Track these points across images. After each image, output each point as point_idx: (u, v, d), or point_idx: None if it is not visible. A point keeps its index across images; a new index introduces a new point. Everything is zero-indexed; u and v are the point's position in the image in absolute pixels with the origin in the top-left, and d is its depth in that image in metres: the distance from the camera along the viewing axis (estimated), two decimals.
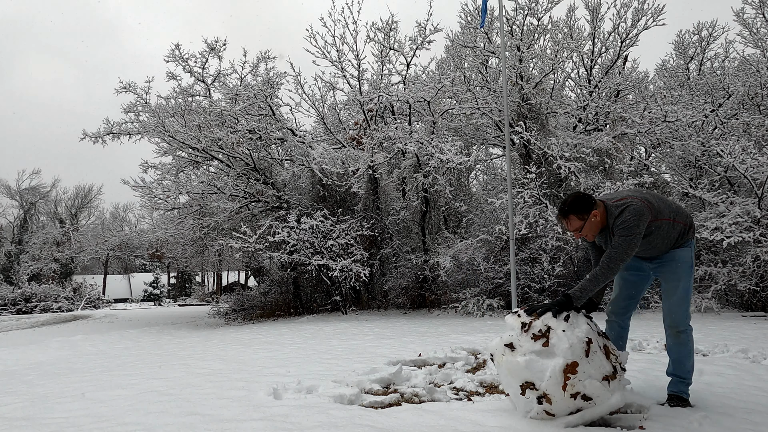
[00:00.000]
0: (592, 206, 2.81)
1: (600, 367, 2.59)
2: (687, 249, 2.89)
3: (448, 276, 11.23)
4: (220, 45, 12.53)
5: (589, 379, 2.55)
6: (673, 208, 2.88)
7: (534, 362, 2.58)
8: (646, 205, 2.75)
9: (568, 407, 2.58)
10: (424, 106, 12.73)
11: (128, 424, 2.93)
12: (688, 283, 2.87)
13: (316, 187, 13.15)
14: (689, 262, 2.88)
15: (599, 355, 2.61)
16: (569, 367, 2.53)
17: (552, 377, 2.53)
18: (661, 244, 2.86)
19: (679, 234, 2.87)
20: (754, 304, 10.00)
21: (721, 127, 12.25)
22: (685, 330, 2.90)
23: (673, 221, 2.84)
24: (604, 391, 2.57)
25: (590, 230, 2.86)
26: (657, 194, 2.97)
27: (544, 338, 2.61)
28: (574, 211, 2.82)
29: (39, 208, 41.60)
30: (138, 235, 16.16)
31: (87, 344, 8.73)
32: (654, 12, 12.15)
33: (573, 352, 2.55)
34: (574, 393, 2.54)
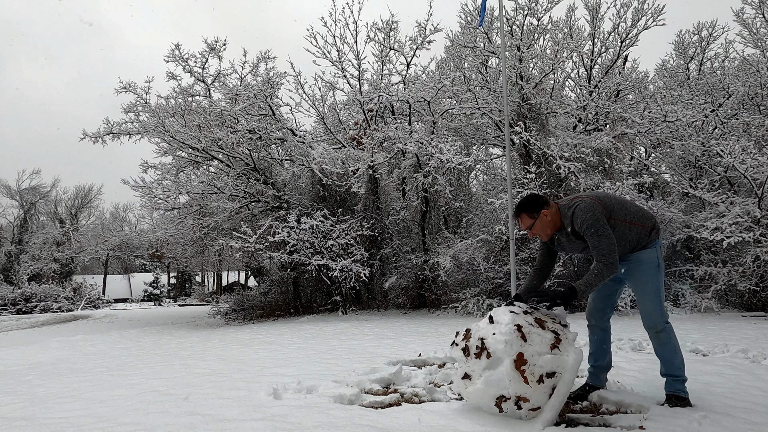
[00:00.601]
0: (543, 206, 2.94)
1: (542, 341, 2.63)
2: (652, 250, 2.93)
3: (448, 276, 11.23)
4: (220, 45, 12.53)
5: (539, 357, 2.59)
6: (630, 211, 2.94)
7: (490, 377, 2.61)
8: (595, 202, 2.84)
9: (544, 392, 2.59)
10: (424, 106, 12.73)
11: (128, 424, 2.93)
12: (656, 283, 2.90)
13: (316, 187, 13.15)
14: (655, 262, 2.92)
15: (536, 331, 2.65)
16: (518, 362, 2.57)
17: (512, 379, 2.56)
18: (620, 244, 2.91)
19: (639, 236, 2.91)
20: (754, 304, 10.00)
21: (721, 127, 12.25)
22: (663, 329, 2.92)
23: (629, 223, 2.89)
24: (559, 356, 2.61)
25: (541, 229, 2.96)
26: (615, 196, 3.02)
27: (485, 351, 2.65)
28: (525, 210, 2.97)
29: (39, 208, 41.58)
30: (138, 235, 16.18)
31: (87, 344, 8.73)
32: (654, 12, 12.15)
33: (512, 347, 2.59)
34: (538, 378, 2.57)
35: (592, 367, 3.24)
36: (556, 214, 2.95)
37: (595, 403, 3.10)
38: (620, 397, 3.06)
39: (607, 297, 3.18)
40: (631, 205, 2.98)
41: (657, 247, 2.95)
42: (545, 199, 2.97)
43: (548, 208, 2.94)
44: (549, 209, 2.93)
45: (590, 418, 2.84)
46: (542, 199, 2.96)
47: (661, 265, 2.93)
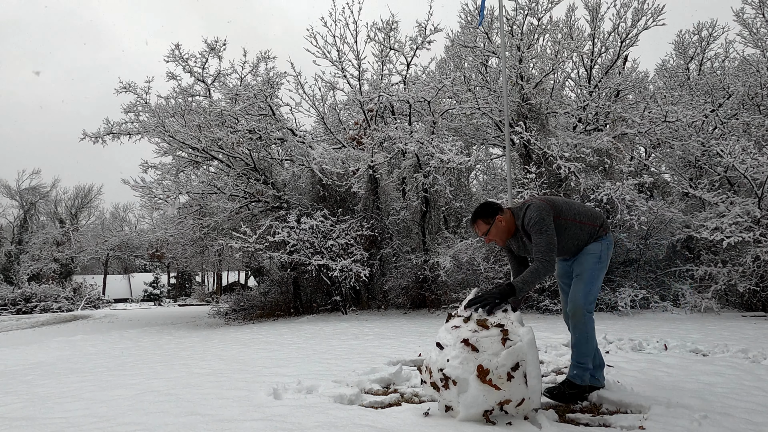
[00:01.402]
0: (497, 212, 3.02)
1: (492, 342, 2.62)
2: (597, 243, 3.05)
3: (448, 276, 11.23)
4: (220, 45, 12.53)
5: (496, 357, 2.57)
6: (579, 211, 3.05)
7: (467, 401, 2.58)
8: (545, 203, 2.94)
9: (519, 385, 2.59)
10: (424, 106, 12.73)
11: (128, 424, 2.93)
12: (594, 272, 2.98)
13: (316, 187, 13.15)
14: (598, 254, 3.01)
15: (482, 335, 2.64)
16: (480, 374, 2.55)
17: (485, 393, 2.56)
18: (571, 243, 3.03)
19: (590, 234, 3.04)
20: (754, 304, 10.00)
21: (721, 127, 12.25)
22: (582, 314, 2.96)
23: (580, 222, 3.01)
24: (513, 346, 2.59)
25: (497, 235, 3.04)
26: (564, 198, 3.13)
27: (449, 380, 2.63)
28: (481, 216, 3.04)
29: (39, 208, 41.57)
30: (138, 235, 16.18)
31: (87, 344, 8.73)
32: (654, 12, 12.15)
33: (468, 364, 2.57)
34: (506, 376, 2.56)
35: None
36: (510, 219, 3.03)
37: (595, 403, 3.10)
38: (620, 397, 3.06)
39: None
40: (579, 206, 3.09)
41: (604, 242, 3.05)
42: (499, 205, 3.07)
43: (503, 214, 3.02)
44: (503, 215, 3.02)
45: (590, 418, 2.84)
46: (497, 206, 3.05)
47: (603, 259, 3.01)
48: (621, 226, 11.42)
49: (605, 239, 3.06)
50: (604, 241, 3.05)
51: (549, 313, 10.55)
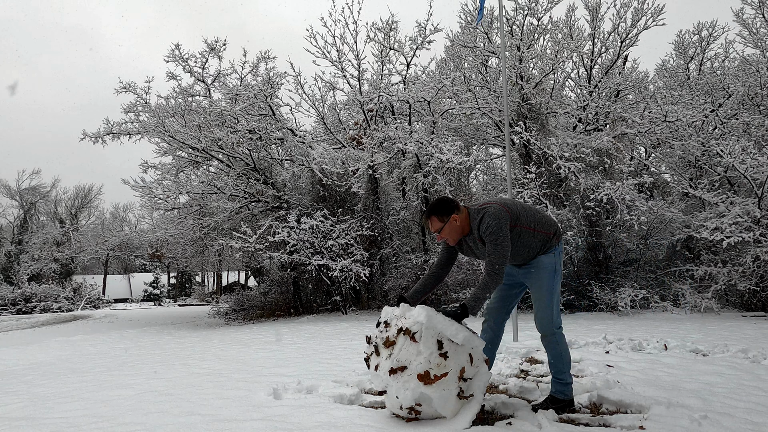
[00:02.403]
0: (453, 210, 2.91)
1: (407, 350, 2.62)
2: (550, 255, 2.95)
3: (447, 276, 11.22)
4: (220, 45, 12.53)
5: (420, 356, 2.58)
6: (536, 218, 2.96)
7: (444, 410, 2.60)
8: (504, 209, 2.85)
9: (455, 350, 2.62)
10: (424, 106, 12.72)
11: (128, 424, 2.93)
12: (551, 288, 2.92)
13: (316, 187, 13.14)
14: (552, 267, 2.94)
15: (398, 353, 2.64)
16: (427, 380, 2.55)
17: (445, 389, 2.57)
18: (523, 251, 2.94)
19: (542, 242, 2.95)
20: (754, 304, 10.00)
21: (721, 127, 12.25)
22: (552, 334, 2.93)
23: (534, 230, 2.93)
24: (419, 334, 2.61)
25: (450, 233, 2.94)
26: (521, 204, 3.04)
27: (413, 410, 2.63)
28: (436, 213, 2.93)
29: (39, 208, 41.56)
30: (138, 235, 16.18)
31: (87, 344, 8.73)
32: (654, 12, 12.15)
33: (413, 385, 2.57)
34: (441, 357, 2.58)
35: None
36: (466, 219, 2.94)
37: (595, 403, 3.10)
38: (620, 397, 3.06)
39: (503, 299, 3.18)
40: (535, 213, 3.00)
41: (557, 252, 2.98)
42: (456, 203, 2.96)
43: (459, 212, 2.92)
44: (459, 214, 2.92)
45: (590, 418, 2.85)
46: (453, 203, 2.95)
47: (558, 271, 2.96)
48: (621, 226, 11.42)
49: (557, 249, 2.98)
50: (556, 251, 2.97)
51: None
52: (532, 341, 5.73)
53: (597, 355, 4.80)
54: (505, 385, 3.60)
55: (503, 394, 3.33)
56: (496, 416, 2.91)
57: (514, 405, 3.02)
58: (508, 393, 3.40)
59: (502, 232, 2.77)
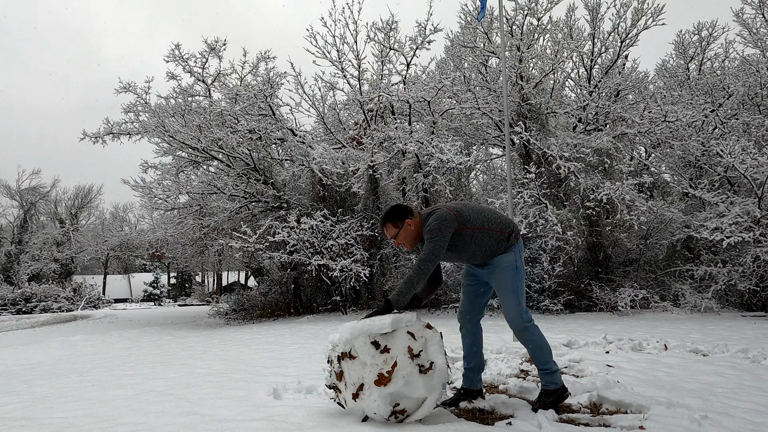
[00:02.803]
0: (407, 215, 2.99)
1: (354, 369, 2.67)
2: (511, 254, 3.00)
3: (447, 276, 11.23)
4: (220, 45, 12.53)
5: (364, 368, 2.63)
6: (489, 219, 3.00)
7: (402, 403, 2.63)
8: (451, 213, 2.89)
9: (422, 345, 2.67)
10: (424, 106, 12.72)
11: (128, 424, 2.93)
12: (515, 285, 2.95)
13: (316, 187, 13.14)
14: (513, 265, 2.97)
15: (350, 366, 2.70)
16: (383, 383, 2.58)
17: (406, 379, 2.60)
18: (481, 250, 2.98)
19: (498, 241, 2.98)
20: (754, 304, 10.00)
21: (721, 127, 12.26)
22: (525, 328, 2.94)
23: (489, 230, 2.96)
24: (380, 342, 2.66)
25: (406, 239, 3.01)
26: (474, 206, 3.07)
27: (400, 413, 2.66)
28: (389, 219, 3.01)
29: (39, 208, 41.51)
30: (138, 235, 16.14)
31: (87, 344, 8.73)
32: (654, 12, 12.15)
33: (382, 396, 2.59)
34: (405, 353, 2.62)
35: (466, 370, 3.22)
36: (419, 224, 2.99)
37: (595, 403, 3.10)
38: (620, 397, 3.07)
39: (473, 301, 3.20)
40: (489, 213, 3.04)
41: (516, 251, 3.02)
42: (410, 209, 3.03)
43: (412, 218, 2.99)
44: (413, 219, 2.99)
45: (590, 418, 2.85)
46: (407, 209, 3.02)
47: (520, 268, 2.99)
48: (621, 226, 11.42)
49: (516, 247, 3.02)
50: (516, 250, 3.02)
51: (549, 313, 10.55)
52: None
53: (597, 355, 4.80)
54: (505, 385, 3.60)
55: (503, 394, 3.33)
56: (496, 416, 2.92)
57: (514, 405, 3.02)
58: (508, 393, 3.40)
59: (440, 233, 2.82)
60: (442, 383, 2.69)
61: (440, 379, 2.67)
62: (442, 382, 2.68)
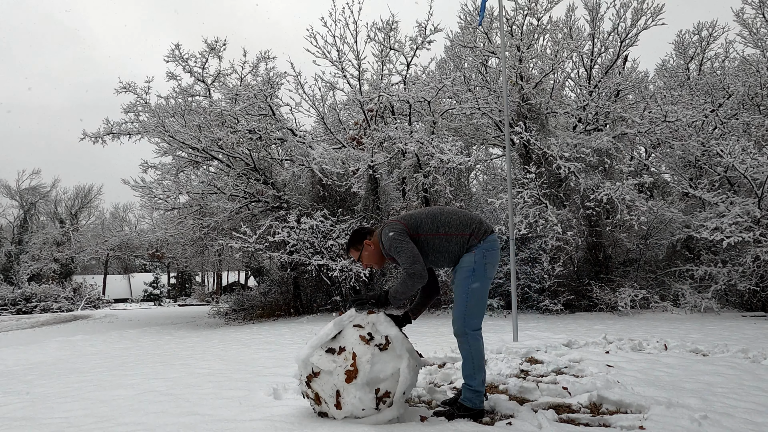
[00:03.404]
0: (365, 236, 3.07)
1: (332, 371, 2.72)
2: (470, 255, 2.90)
3: (447, 276, 11.23)
4: (220, 45, 12.53)
5: (339, 368, 2.69)
6: (444, 222, 2.94)
7: (383, 384, 2.68)
8: (398, 222, 2.92)
9: (370, 329, 2.81)
10: (424, 106, 12.72)
11: (128, 424, 2.93)
12: (466, 288, 2.86)
13: (316, 187, 13.14)
14: (470, 267, 2.87)
15: (318, 382, 2.74)
16: (352, 377, 2.64)
17: (379, 365, 2.67)
18: (442, 257, 2.95)
19: (460, 244, 2.92)
20: (754, 304, 10.01)
21: (721, 127, 12.26)
22: (464, 334, 2.86)
23: (445, 235, 2.92)
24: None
25: (369, 259, 3.07)
26: (426, 212, 3.01)
27: (385, 396, 2.70)
28: (351, 245, 3.11)
29: (39, 208, 41.52)
30: (138, 235, 16.15)
31: (87, 344, 8.73)
32: (653, 12, 12.15)
33: (362, 395, 2.64)
34: (358, 341, 2.74)
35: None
36: (378, 242, 3.02)
37: (595, 403, 3.10)
38: (620, 397, 3.06)
39: None
40: (446, 217, 2.96)
41: (478, 251, 2.88)
42: (368, 229, 3.10)
43: (370, 237, 3.04)
44: (371, 239, 3.03)
45: (590, 418, 2.85)
46: (364, 231, 3.09)
47: (477, 271, 2.85)
48: (621, 226, 11.42)
49: (479, 247, 2.88)
50: (479, 250, 2.87)
51: (549, 314, 10.55)
52: (532, 341, 5.73)
53: (597, 355, 4.80)
54: (505, 385, 3.60)
55: (503, 394, 3.33)
56: (496, 416, 2.92)
57: (514, 405, 3.02)
58: (508, 393, 3.40)
59: (398, 240, 2.84)
60: (409, 349, 2.77)
61: (402, 346, 2.76)
62: (406, 347, 2.76)
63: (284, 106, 13.52)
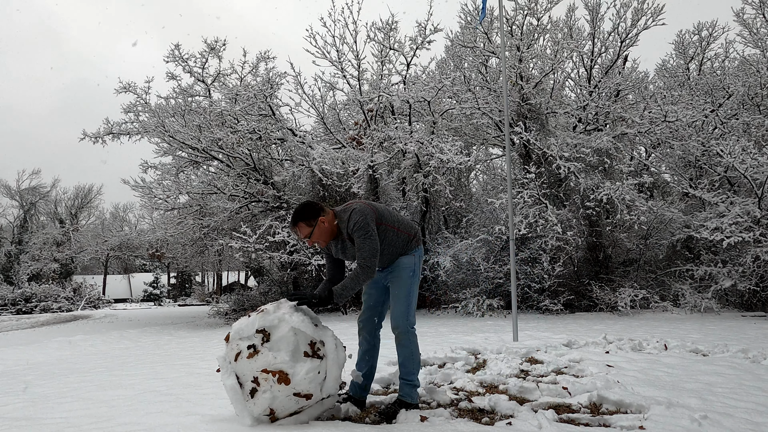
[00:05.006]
0: (319, 213, 2.94)
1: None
2: (410, 256, 3.03)
3: (448, 276, 11.23)
4: (219, 45, 12.53)
5: (264, 365, 2.66)
6: (397, 219, 3.05)
7: (311, 374, 2.69)
8: (369, 207, 2.94)
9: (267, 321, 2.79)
10: (424, 106, 12.72)
11: (128, 424, 2.93)
12: (410, 287, 2.96)
13: (316, 187, 13.14)
14: (411, 267, 3.00)
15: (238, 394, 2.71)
16: (284, 381, 2.63)
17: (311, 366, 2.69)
18: (388, 251, 3.01)
19: (404, 242, 3.03)
20: (754, 304, 10.01)
21: (721, 127, 12.26)
22: (405, 332, 2.94)
23: (397, 230, 3.02)
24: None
25: (320, 236, 2.97)
26: (383, 205, 3.13)
27: (303, 396, 2.69)
28: (302, 218, 2.93)
29: (39, 208, 41.53)
30: (138, 235, 16.14)
31: (87, 344, 8.73)
32: (653, 12, 12.16)
33: (276, 394, 2.63)
34: (260, 334, 2.73)
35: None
36: (333, 220, 2.97)
37: (595, 403, 3.10)
38: (620, 397, 3.07)
39: (371, 308, 3.21)
40: (396, 214, 3.09)
41: (416, 254, 3.05)
42: (321, 206, 3.00)
43: (325, 215, 2.94)
44: (326, 216, 2.94)
45: (590, 418, 2.85)
46: (318, 206, 2.99)
47: (416, 273, 3.01)
48: (621, 226, 11.42)
49: (417, 251, 3.06)
50: (416, 253, 3.05)
51: (549, 314, 10.55)
52: (532, 341, 5.74)
53: (597, 355, 4.80)
54: (505, 385, 3.60)
55: (503, 394, 3.33)
56: (496, 416, 2.92)
57: (514, 405, 3.02)
58: (508, 393, 3.40)
59: (369, 227, 2.83)
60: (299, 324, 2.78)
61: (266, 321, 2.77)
62: (299, 325, 2.78)
63: (284, 106, 13.52)
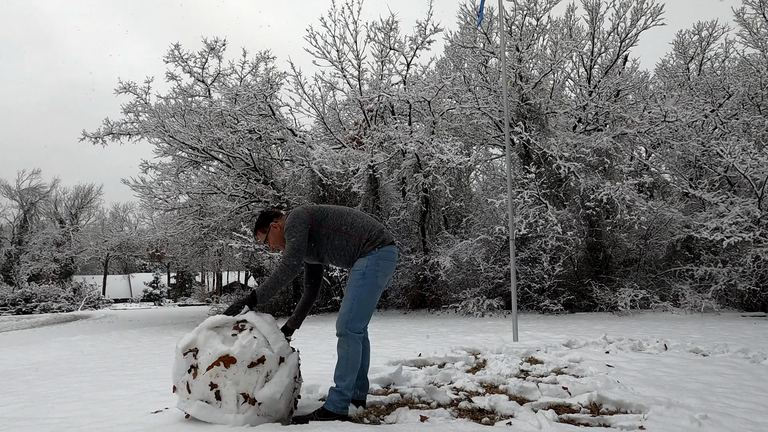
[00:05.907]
0: (272, 218, 3.10)
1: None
2: (364, 259, 2.95)
3: (448, 276, 11.23)
4: (219, 45, 12.53)
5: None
6: (348, 222, 3.00)
7: (267, 362, 2.71)
8: (305, 211, 2.97)
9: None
10: (424, 106, 12.73)
11: (127, 424, 2.93)
12: (356, 290, 2.89)
13: (316, 187, 13.15)
14: (362, 271, 2.92)
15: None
16: (227, 359, 2.65)
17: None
18: (339, 254, 3.01)
19: (356, 246, 2.97)
20: (754, 304, 10.01)
21: (721, 127, 12.26)
22: (345, 334, 2.86)
23: (345, 234, 2.97)
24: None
25: (275, 241, 3.09)
26: (336, 208, 3.07)
27: (249, 400, 2.68)
28: (258, 226, 3.14)
29: (39, 208, 41.53)
30: (138, 235, 16.14)
31: (87, 344, 8.73)
32: (653, 12, 12.16)
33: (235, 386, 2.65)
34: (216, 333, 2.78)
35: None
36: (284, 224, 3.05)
37: (595, 403, 3.10)
38: (620, 397, 3.06)
39: None
40: (351, 218, 3.03)
41: (372, 257, 2.93)
42: (276, 212, 3.14)
43: (278, 220, 3.08)
44: (278, 221, 3.08)
45: (590, 418, 2.84)
46: (272, 213, 3.13)
47: (367, 275, 2.90)
48: (621, 226, 11.42)
49: (374, 254, 2.93)
50: (372, 256, 2.93)
51: (549, 313, 10.55)
52: (532, 341, 5.74)
53: (597, 355, 4.80)
54: (505, 385, 3.60)
55: (503, 394, 3.33)
56: (496, 416, 2.92)
57: (514, 405, 3.02)
58: (508, 393, 3.40)
59: (295, 228, 2.88)
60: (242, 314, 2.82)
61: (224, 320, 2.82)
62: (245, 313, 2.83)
63: (284, 106, 13.54)
